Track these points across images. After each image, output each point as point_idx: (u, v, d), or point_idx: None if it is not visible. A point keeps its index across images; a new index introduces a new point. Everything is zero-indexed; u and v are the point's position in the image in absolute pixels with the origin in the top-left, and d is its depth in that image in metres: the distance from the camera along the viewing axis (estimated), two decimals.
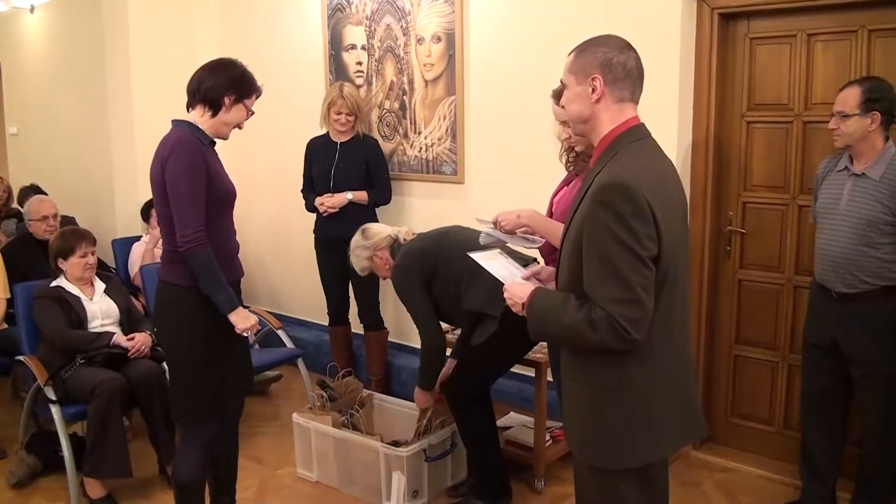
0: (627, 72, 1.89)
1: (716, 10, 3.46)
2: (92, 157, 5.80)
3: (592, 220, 1.79)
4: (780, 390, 3.61)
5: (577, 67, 1.92)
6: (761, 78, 3.48)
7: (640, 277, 1.76)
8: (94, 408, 3.39)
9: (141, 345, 3.68)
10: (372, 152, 4.33)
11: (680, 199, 1.95)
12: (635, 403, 1.88)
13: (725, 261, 3.70)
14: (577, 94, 1.92)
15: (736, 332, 3.72)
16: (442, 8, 4.23)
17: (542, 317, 1.93)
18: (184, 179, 2.61)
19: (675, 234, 1.85)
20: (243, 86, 2.74)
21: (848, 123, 2.85)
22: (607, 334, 1.77)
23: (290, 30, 5.07)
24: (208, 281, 2.65)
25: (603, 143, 1.92)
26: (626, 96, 1.90)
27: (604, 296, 1.77)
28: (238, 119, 2.77)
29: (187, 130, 2.69)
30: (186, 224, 2.61)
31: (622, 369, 1.86)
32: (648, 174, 1.82)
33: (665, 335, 1.88)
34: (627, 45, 1.92)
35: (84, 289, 3.82)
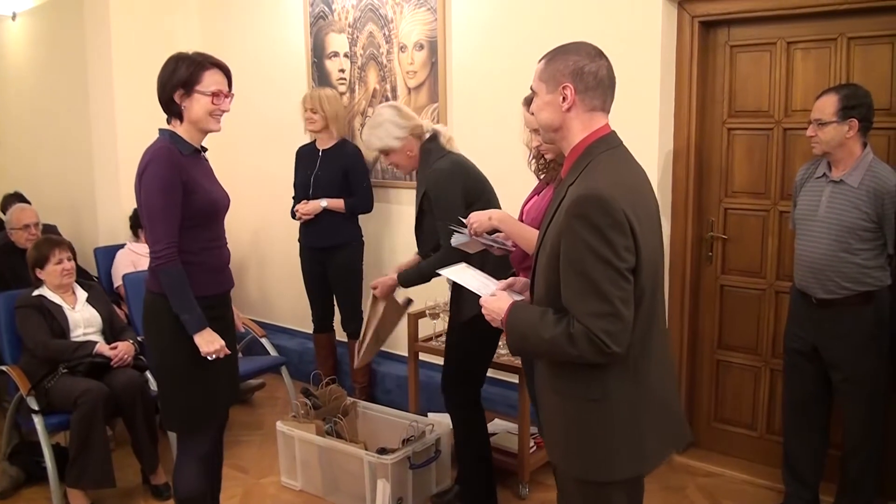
0: (599, 80, 1.88)
1: (696, 17, 3.49)
2: (74, 165, 5.77)
3: (569, 234, 1.78)
4: (763, 395, 3.63)
5: (548, 75, 1.91)
6: (742, 85, 3.51)
7: (619, 290, 1.75)
8: (77, 418, 3.38)
9: (124, 354, 3.67)
10: (352, 160, 4.32)
11: (655, 209, 1.95)
12: (620, 414, 1.87)
13: (707, 266, 3.72)
14: (548, 103, 1.91)
15: (718, 338, 3.74)
16: (424, 16, 4.25)
17: (521, 332, 1.91)
18: (156, 194, 2.54)
19: (652, 244, 1.85)
20: (182, 73, 2.57)
21: (826, 131, 2.88)
22: (587, 349, 1.77)
23: (273, 37, 5.07)
24: (176, 299, 2.58)
25: (574, 152, 1.91)
26: (597, 105, 1.90)
27: (583, 310, 1.76)
28: (203, 110, 2.59)
29: (166, 142, 2.62)
30: (157, 240, 2.56)
31: (605, 381, 1.85)
32: (624, 185, 1.81)
33: (647, 345, 1.88)
34: (599, 53, 1.92)
35: (66, 297, 3.80)
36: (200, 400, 2.72)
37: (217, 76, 2.61)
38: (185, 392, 2.70)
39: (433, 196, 3.03)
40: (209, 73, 2.59)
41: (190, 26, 5.56)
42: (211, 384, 2.73)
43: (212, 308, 2.68)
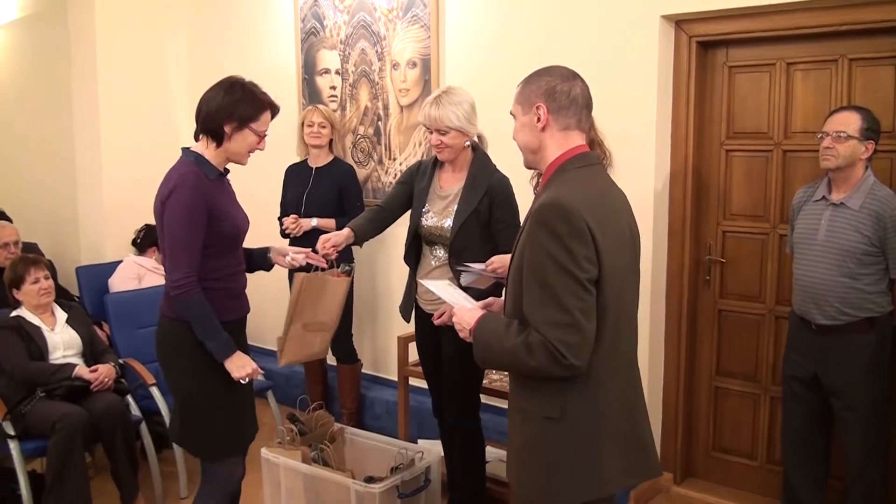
0: (572, 99, 1.95)
1: (694, 38, 3.50)
2: (56, 181, 5.74)
3: (531, 242, 1.82)
4: (763, 423, 3.61)
5: (523, 98, 1.99)
6: (740, 106, 3.52)
7: (578, 300, 1.77)
8: (55, 443, 3.34)
9: (104, 377, 3.63)
10: (346, 179, 4.31)
11: (629, 228, 1.98)
12: (576, 435, 1.88)
13: (705, 290, 3.71)
14: (524, 124, 1.99)
15: (716, 364, 3.73)
16: (417, 33, 4.26)
17: (486, 342, 1.94)
18: (180, 222, 2.52)
19: (621, 261, 1.88)
20: (245, 109, 2.58)
21: (847, 145, 2.87)
22: (544, 359, 1.78)
23: (263, 53, 5.07)
24: (201, 327, 2.56)
25: (549, 169, 1.97)
26: (571, 124, 1.96)
27: (540, 319, 1.79)
28: (246, 146, 2.62)
29: (192, 165, 2.59)
30: (177, 268, 2.53)
31: (564, 398, 1.86)
32: (589, 197, 1.85)
33: (611, 365, 1.89)
34: (573, 75, 2.00)
35: (45, 318, 3.77)
36: (229, 425, 2.69)
37: (268, 117, 2.65)
38: (214, 418, 2.66)
39: (509, 204, 3.11)
40: (265, 115, 2.64)
41: (178, 39, 5.57)
42: (238, 408, 2.71)
43: (230, 333, 2.65)
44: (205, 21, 5.50)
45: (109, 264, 4.94)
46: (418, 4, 4.22)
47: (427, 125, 3.12)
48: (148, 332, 4.25)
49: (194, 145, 2.66)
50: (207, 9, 5.46)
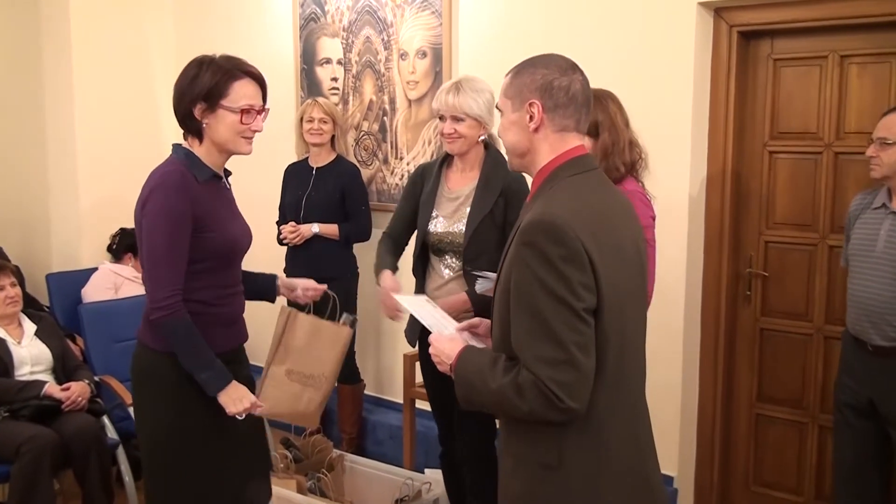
0: (571, 97, 1.83)
1: (735, 27, 3.47)
2: (25, 181, 5.70)
3: (518, 265, 1.72)
4: (810, 455, 3.57)
5: (514, 91, 1.87)
6: (786, 103, 3.49)
7: (575, 334, 1.67)
8: (20, 468, 3.30)
9: (77, 396, 3.59)
10: (349, 181, 4.27)
11: (633, 245, 1.86)
12: (576, 486, 1.78)
13: (745, 307, 3.67)
14: (513, 122, 1.87)
15: (758, 388, 3.69)
16: (428, 20, 4.22)
17: (469, 381, 1.82)
18: (160, 230, 2.31)
19: (623, 285, 1.78)
20: (205, 83, 2.34)
21: (890, 153, 2.84)
22: (536, 402, 1.68)
23: (257, 41, 5.04)
24: (189, 357, 2.36)
25: (540, 175, 1.86)
26: (569, 125, 1.84)
27: (531, 356, 1.68)
28: (230, 130, 2.36)
29: (178, 164, 2.39)
30: (158, 286, 2.32)
31: (562, 444, 1.77)
32: (587, 211, 1.75)
33: (614, 404, 1.79)
34: (572, 66, 1.87)
35: (10, 330, 3.75)
36: (210, 488, 2.47)
37: (249, 88, 2.39)
38: (189, 478, 2.44)
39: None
40: (240, 84, 2.37)
41: (162, 25, 5.54)
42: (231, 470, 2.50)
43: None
44: (193, 6, 5.47)
45: (84, 271, 4.90)
46: None
47: (443, 112, 3.04)
48: (127, 346, 4.17)
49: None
50: None
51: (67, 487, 3.88)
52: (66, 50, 5.19)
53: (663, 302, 3.54)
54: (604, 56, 3.61)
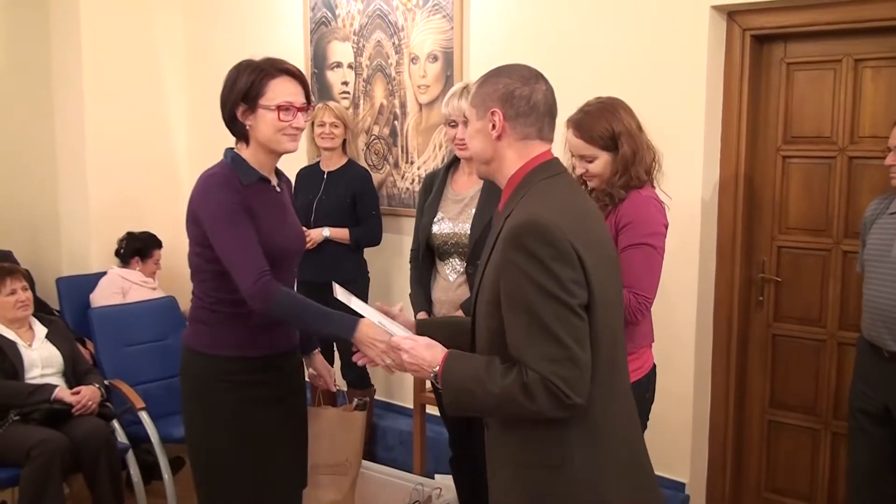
0: (532, 106, 1.87)
1: (748, 31, 3.45)
2: (35, 183, 5.68)
3: (509, 270, 1.74)
4: (823, 462, 3.54)
5: (478, 100, 1.91)
6: (799, 107, 3.47)
7: (572, 330, 1.71)
8: (30, 472, 3.30)
9: (87, 400, 3.59)
10: (361, 185, 4.26)
11: (608, 241, 1.93)
12: (582, 480, 1.81)
13: (758, 312, 3.65)
14: (478, 130, 1.91)
15: (770, 395, 3.66)
16: (439, 24, 4.21)
17: (465, 388, 1.83)
18: (220, 227, 2.32)
19: (609, 279, 1.83)
20: (243, 86, 2.35)
21: None
22: (546, 401, 1.70)
23: (268, 45, 5.02)
24: (306, 323, 2.38)
25: (511, 182, 1.90)
26: (531, 133, 1.88)
27: (534, 355, 1.71)
28: (271, 128, 2.35)
29: (223, 167, 2.41)
30: (243, 276, 2.28)
31: (564, 443, 1.80)
32: (568, 212, 1.80)
33: (609, 397, 1.83)
34: (536, 76, 1.91)
35: (21, 333, 3.75)
36: (253, 491, 2.47)
37: (287, 85, 2.37)
38: (234, 482, 2.45)
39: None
40: (276, 83, 2.36)
41: (173, 27, 5.52)
42: (269, 471, 2.49)
43: (261, 371, 2.46)
44: (203, 8, 5.46)
45: (94, 275, 4.89)
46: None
47: (454, 116, 3.03)
48: (137, 350, 4.23)
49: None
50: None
51: (77, 491, 3.87)
52: (75, 54, 5.19)
53: (675, 307, 3.54)
54: (616, 59, 3.60)
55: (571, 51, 3.75)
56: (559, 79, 3.80)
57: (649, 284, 2.54)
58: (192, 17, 5.53)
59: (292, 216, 2.57)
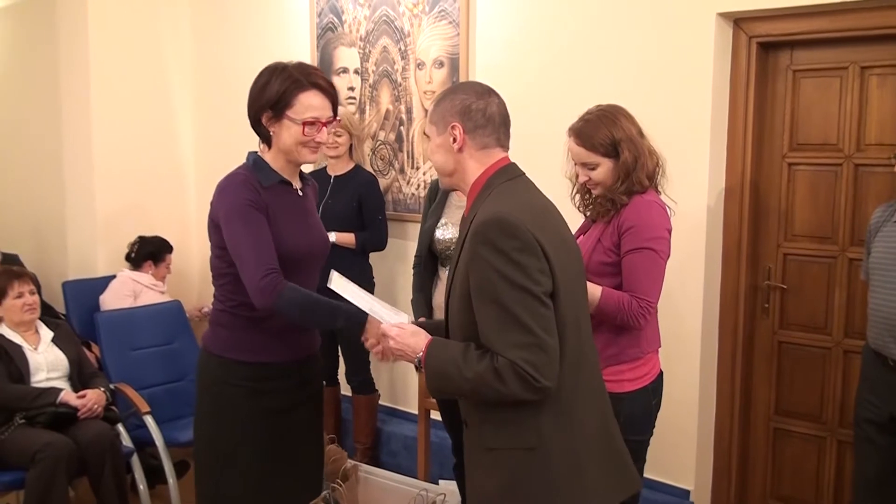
0: (488, 118, 2.00)
1: (754, 38, 3.45)
2: (41, 187, 5.72)
3: (476, 263, 1.85)
4: (829, 470, 3.53)
5: (437, 117, 2.04)
6: (806, 115, 3.46)
7: (539, 318, 1.82)
8: (35, 475, 3.31)
9: (93, 403, 3.61)
10: (367, 190, 4.26)
11: (567, 234, 2.03)
12: (557, 461, 1.91)
13: (763, 320, 3.64)
14: (439, 145, 2.04)
15: (775, 402, 3.66)
16: (445, 30, 4.22)
17: (443, 372, 1.93)
18: (233, 224, 2.32)
19: (571, 272, 1.95)
20: (273, 95, 2.34)
21: None
22: (516, 384, 1.81)
23: (274, 50, 5.04)
24: (313, 319, 2.37)
25: (474, 188, 2.02)
26: (489, 143, 2.02)
27: (503, 342, 1.82)
28: (292, 140, 2.36)
29: (244, 169, 2.43)
30: (250, 273, 2.28)
31: (538, 425, 1.90)
32: (530, 208, 1.92)
33: (579, 380, 1.94)
34: (488, 91, 2.05)
35: (27, 337, 3.77)
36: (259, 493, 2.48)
37: (316, 99, 2.37)
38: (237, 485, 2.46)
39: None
40: (306, 96, 2.35)
41: (180, 33, 5.54)
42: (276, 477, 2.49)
43: (277, 378, 2.46)
44: (210, 13, 5.48)
45: (100, 279, 4.92)
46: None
47: None
48: (142, 354, 4.25)
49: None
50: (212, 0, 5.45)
51: (82, 494, 3.90)
52: (83, 60, 5.21)
53: (680, 314, 3.54)
54: (622, 66, 3.61)
55: (577, 57, 3.75)
56: (565, 85, 3.83)
57: (652, 288, 2.54)
58: (199, 23, 5.54)
59: (315, 220, 2.58)
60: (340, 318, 2.34)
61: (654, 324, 2.67)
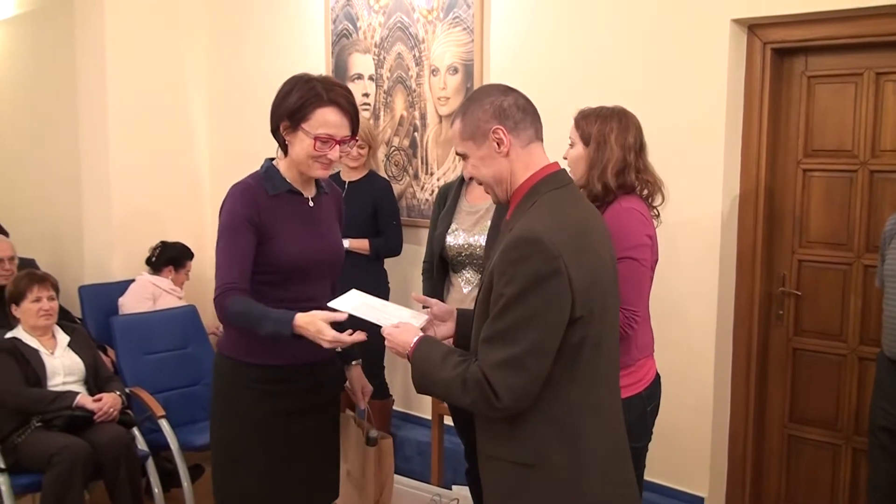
0: (523, 110, 1.96)
1: (769, 44, 3.45)
2: (58, 192, 5.76)
3: (499, 276, 1.82)
4: (844, 478, 3.51)
5: (470, 130, 1.96)
6: (820, 121, 3.46)
7: (535, 342, 1.78)
8: (52, 478, 3.33)
9: (109, 407, 3.62)
10: (382, 195, 4.28)
11: (608, 252, 1.97)
12: (556, 484, 1.85)
13: (777, 327, 3.63)
14: (483, 157, 1.96)
15: (790, 409, 3.64)
16: (459, 36, 4.24)
17: (424, 370, 1.95)
18: (221, 232, 2.38)
19: (603, 291, 1.88)
20: (292, 105, 2.35)
21: None
22: (475, 397, 1.81)
23: (289, 57, 5.08)
24: (249, 325, 2.31)
25: (519, 192, 1.96)
26: (531, 135, 1.97)
27: (486, 353, 1.82)
28: (304, 153, 2.37)
29: (253, 177, 2.46)
30: (215, 286, 2.34)
31: (538, 443, 1.86)
32: (567, 225, 1.86)
33: (588, 404, 1.89)
34: (507, 88, 2.01)
35: (44, 341, 3.79)
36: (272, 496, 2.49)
37: (333, 116, 2.37)
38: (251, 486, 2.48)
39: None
40: (322, 112, 2.35)
41: (196, 39, 5.58)
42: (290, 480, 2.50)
43: (286, 381, 2.47)
44: (226, 20, 5.52)
45: (116, 284, 4.95)
46: (461, 5, 4.20)
47: None
48: (158, 358, 4.27)
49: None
50: (229, 6, 5.49)
51: (96, 498, 3.90)
52: (100, 64, 5.25)
53: (694, 320, 3.54)
54: (636, 72, 3.61)
55: (591, 64, 3.76)
56: (579, 90, 3.84)
57: (635, 297, 2.50)
58: (215, 29, 5.58)
59: (327, 228, 2.57)
60: (270, 324, 2.29)
61: (645, 329, 2.64)
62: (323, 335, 2.22)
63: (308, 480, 2.58)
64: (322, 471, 2.64)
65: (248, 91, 5.22)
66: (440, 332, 2.25)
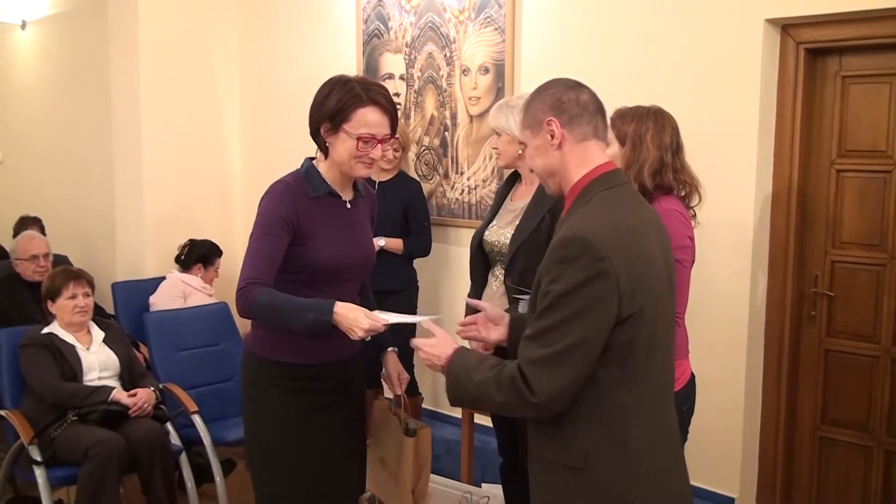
0: (583, 106, 1.93)
1: (802, 44, 3.45)
2: (91, 190, 5.83)
3: (547, 276, 1.82)
4: (876, 481, 3.50)
5: (529, 120, 1.98)
6: (854, 121, 3.45)
7: (575, 344, 1.77)
8: (87, 471, 3.37)
9: (143, 402, 3.67)
10: (413, 196, 4.31)
11: (662, 253, 1.94)
12: (603, 488, 1.84)
13: (810, 327, 3.63)
14: (538, 147, 1.97)
15: (822, 411, 3.63)
16: (491, 36, 4.26)
17: (457, 377, 1.95)
18: (255, 230, 2.39)
19: (653, 292, 1.86)
20: (332, 107, 2.37)
21: None
22: (510, 394, 1.80)
23: (321, 58, 5.12)
24: (280, 318, 2.31)
25: (574, 190, 1.94)
26: (588, 133, 1.93)
27: (525, 349, 1.82)
28: (347, 154, 2.39)
29: (293, 177, 2.47)
30: (241, 276, 2.34)
31: (588, 446, 1.84)
32: (618, 225, 1.84)
33: (639, 407, 1.86)
34: (577, 84, 1.97)
35: (80, 337, 3.83)
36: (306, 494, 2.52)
37: (373, 116, 2.38)
38: (285, 483, 2.51)
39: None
40: (363, 112, 2.37)
41: (228, 40, 5.64)
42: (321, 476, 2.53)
43: (315, 379, 2.50)
44: (258, 20, 5.57)
45: (149, 281, 5.02)
46: (492, 5, 4.23)
47: (492, 126, 3.21)
48: (190, 354, 4.32)
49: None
50: (261, 7, 5.54)
51: (129, 492, 3.93)
52: (133, 65, 5.31)
53: (727, 321, 3.54)
54: (669, 73, 3.62)
55: (623, 64, 3.77)
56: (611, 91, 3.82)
57: (678, 299, 2.47)
58: (247, 29, 5.63)
59: (362, 232, 2.60)
60: (310, 311, 2.28)
61: (681, 331, 2.65)
62: (360, 323, 2.23)
63: (338, 476, 2.60)
64: (351, 468, 2.67)
65: (279, 91, 5.27)
66: (492, 337, 2.25)
